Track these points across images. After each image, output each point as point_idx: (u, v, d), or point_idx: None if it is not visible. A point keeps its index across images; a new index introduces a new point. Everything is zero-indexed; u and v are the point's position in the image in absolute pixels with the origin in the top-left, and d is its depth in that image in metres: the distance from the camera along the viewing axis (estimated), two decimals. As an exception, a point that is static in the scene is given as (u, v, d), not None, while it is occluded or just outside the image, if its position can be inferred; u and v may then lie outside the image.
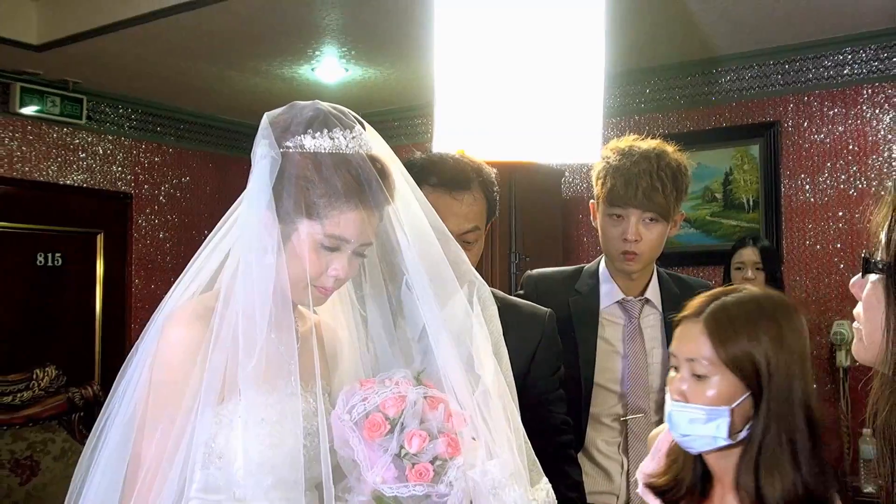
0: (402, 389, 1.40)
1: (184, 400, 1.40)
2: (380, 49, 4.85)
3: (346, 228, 1.44)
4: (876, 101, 4.59)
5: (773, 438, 1.44)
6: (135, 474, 1.40)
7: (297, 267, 1.45)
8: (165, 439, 1.40)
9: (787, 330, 1.48)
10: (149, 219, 6.14)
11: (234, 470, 1.41)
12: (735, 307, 1.49)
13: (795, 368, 1.46)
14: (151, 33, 4.48)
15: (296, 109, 1.49)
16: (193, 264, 1.53)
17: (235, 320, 1.42)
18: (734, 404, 1.45)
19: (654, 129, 5.18)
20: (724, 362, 1.45)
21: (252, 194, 1.47)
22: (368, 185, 1.45)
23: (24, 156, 5.47)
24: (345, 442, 1.39)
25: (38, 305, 5.59)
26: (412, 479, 1.34)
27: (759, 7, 4.18)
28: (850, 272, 4.56)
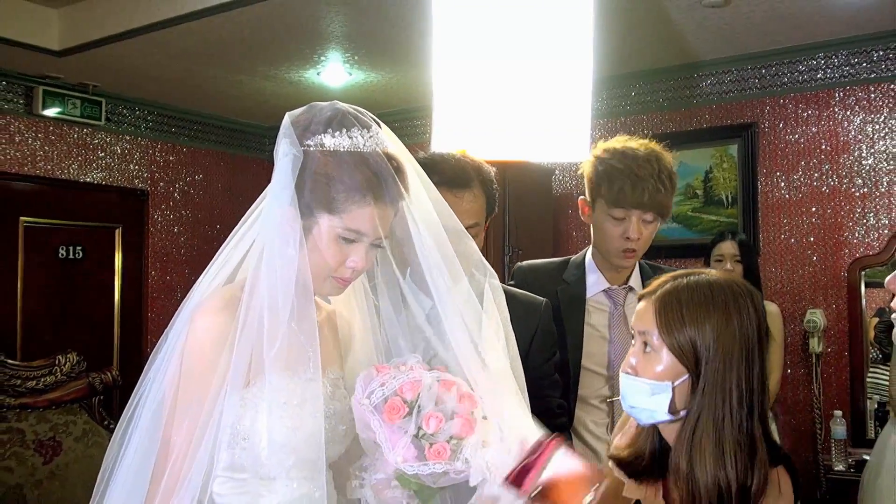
0: (417, 374, 1.41)
1: (212, 385, 1.41)
2: (381, 55, 4.86)
3: (365, 222, 1.44)
4: (847, 103, 4.60)
5: (703, 424, 1.41)
6: (165, 458, 1.40)
7: (318, 259, 1.46)
8: (195, 422, 1.40)
9: (735, 318, 1.43)
10: (164, 214, 6.14)
11: (258, 450, 1.42)
12: (686, 292, 1.46)
13: (738, 356, 1.42)
14: (166, 40, 4.49)
15: (315, 109, 1.49)
16: (219, 257, 1.53)
17: (260, 310, 1.42)
18: (676, 383, 1.43)
19: (638, 130, 5.20)
20: (666, 345, 1.43)
21: (275, 190, 1.47)
22: (385, 182, 1.45)
23: (47, 155, 5.47)
24: (366, 425, 1.40)
25: (61, 296, 5.60)
26: (431, 458, 1.36)
27: (737, 15, 4.18)
28: (823, 264, 4.59)
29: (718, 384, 1.41)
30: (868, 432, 4.42)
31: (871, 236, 4.50)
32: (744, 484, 1.38)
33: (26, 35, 4.58)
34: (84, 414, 3.94)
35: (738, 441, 1.40)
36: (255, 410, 1.42)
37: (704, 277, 1.49)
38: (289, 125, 1.46)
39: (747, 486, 1.38)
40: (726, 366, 1.41)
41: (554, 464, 1.33)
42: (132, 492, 1.43)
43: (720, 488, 1.38)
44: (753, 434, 1.41)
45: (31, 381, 3.77)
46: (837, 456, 4.22)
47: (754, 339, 1.44)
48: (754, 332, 1.44)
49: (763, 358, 1.46)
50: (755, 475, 1.38)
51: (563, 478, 1.33)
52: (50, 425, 3.77)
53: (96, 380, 3.97)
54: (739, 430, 1.40)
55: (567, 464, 1.34)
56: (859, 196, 4.53)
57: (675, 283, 1.48)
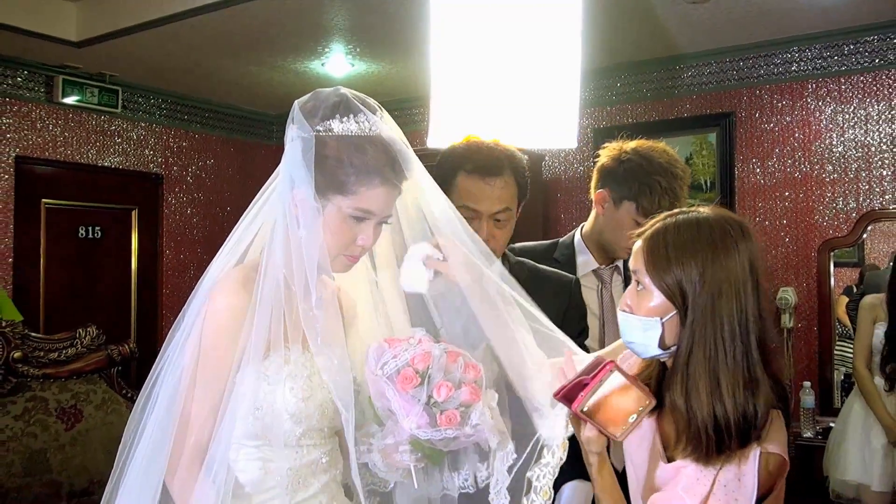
0: (427, 346, 1.41)
1: (231, 360, 1.41)
2: (382, 47, 4.84)
3: (373, 202, 1.44)
4: (819, 94, 4.59)
5: (695, 359, 1.36)
6: (185, 429, 1.41)
7: (330, 238, 1.45)
8: (216, 394, 1.41)
9: (721, 254, 1.37)
10: (177, 197, 6.13)
11: (271, 420, 1.43)
12: (673, 232, 1.41)
13: (727, 292, 1.36)
14: (179, 32, 4.47)
15: (322, 96, 1.48)
16: (232, 237, 1.52)
17: (275, 289, 1.42)
18: (664, 318, 1.39)
19: (623, 119, 5.20)
20: (654, 283, 1.39)
21: (287, 173, 1.47)
22: (391, 164, 1.45)
23: (67, 140, 5.46)
24: (381, 394, 1.40)
25: (81, 273, 5.60)
26: (443, 424, 1.37)
27: (717, 11, 4.17)
28: (794, 245, 4.60)
29: (707, 320, 1.36)
30: (835, 402, 4.45)
31: (840, 219, 4.51)
32: (743, 417, 1.32)
33: (46, 27, 4.56)
34: (103, 383, 3.95)
35: (735, 374, 1.34)
36: (268, 382, 1.43)
37: (694, 215, 1.44)
38: (297, 111, 1.46)
39: (747, 419, 1.32)
40: (714, 301, 1.35)
41: (606, 385, 1.32)
42: (152, 461, 1.43)
43: (716, 421, 1.33)
44: (753, 368, 1.35)
45: (54, 353, 3.78)
46: (806, 423, 4.25)
47: (745, 273, 1.37)
48: (744, 266, 1.37)
49: (759, 292, 1.39)
50: (755, 409, 1.33)
51: (615, 398, 1.33)
52: (71, 394, 3.78)
53: (115, 352, 3.98)
54: (735, 363, 1.35)
55: (621, 386, 1.33)
56: (829, 182, 4.54)
57: (664, 223, 1.44)
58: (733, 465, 1.32)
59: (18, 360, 3.60)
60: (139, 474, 1.44)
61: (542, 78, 2.16)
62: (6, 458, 3.47)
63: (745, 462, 1.32)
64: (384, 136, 1.46)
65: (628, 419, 1.34)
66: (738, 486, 1.31)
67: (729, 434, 1.32)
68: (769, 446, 1.35)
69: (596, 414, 1.33)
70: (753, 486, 1.31)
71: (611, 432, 1.34)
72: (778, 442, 1.36)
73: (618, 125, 5.20)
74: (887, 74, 4.41)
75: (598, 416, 1.33)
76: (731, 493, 1.31)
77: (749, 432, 1.32)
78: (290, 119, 1.47)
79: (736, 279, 1.36)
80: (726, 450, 1.33)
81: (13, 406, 3.56)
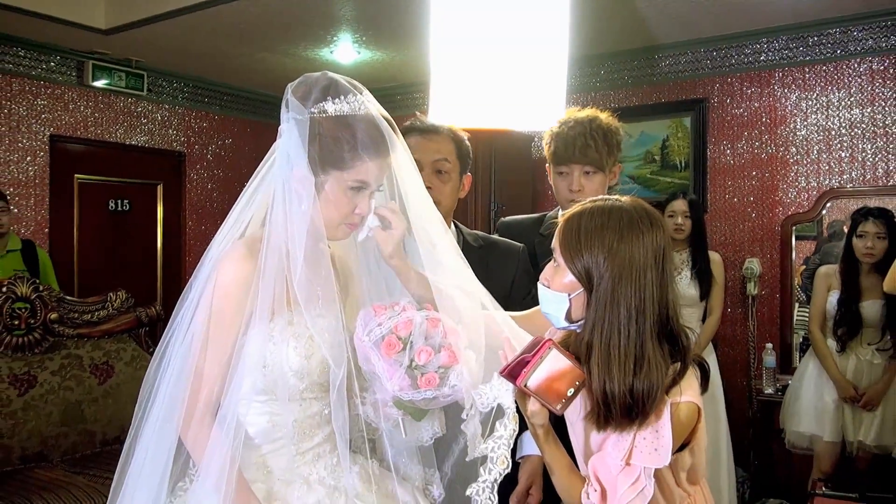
0: (410, 314, 1.40)
1: (240, 322, 1.42)
2: (386, 36, 4.81)
3: (368, 174, 1.45)
4: (785, 82, 4.59)
5: (594, 336, 1.36)
6: (198, 384, 1.41)
7: (332, 209, 1.45)
8: (225, 353, 1.41)
9: (626, 242, 1.36)
10: (199, 173, 6.12)
11: (276, 376, 1.43)
12: (587, 217, 1.40)
13: (628, 277, 1.34)
14: (199, 21, 4.44)
15: (311, 80, 1.46)
16: (233, 213, 1.50)
17: (278, 257, 1.42)
18: (572, 295, 1.39)
19: (606, 104, 5.17)
20: (566, 263, 1.40)
21: (284, 152, 1.46)
22: (381, 139, 1.45)
23: (97, 121, 5.44)
24: (367, 359, 1.41)
25: (111, 242, 5.61)
26: (423, 386, 1.37)
27: (693, 5, 4.15)
28: (761, 220, 4.62)
29: (607, 302, 1.35)
30: (794, 362, 4.49)
31: (802, 197, 4.52)
32: (630, 393, 1.32)
33: (77, 16, 4.53)
34: (132, 342, 3.98)
35: (626, 354, 1.33)
36: (274, 343, 1.43)
37: (609, 204, 1.42)
38: (290, 95, 1.45)
39: (634, 395, 1.32)
40: (615, 285, 1.34)
41: (547, 362, 1.32)
42: (167, 419, 1.44)
43: (605, 395, 1.33)
44: (645, 349, 1.34)
45: (87, 315, 3.80)
46: (767, 381, 4.29)
47: (647, 261, 1.36)
48: (646, 254, 1.36)
49: (661, 279, 1.37)
50: (644, 386, 1.32)
51: (555, 374, 1.33)
52: (103, 352, 3.81)
53: (142, 314, 4.01)
54: (628, 344, 1.33)
55: (558, 363, 1.33)
56: (793, 162, 4.55)
57: (581, 208, 1.43)
58: (651, 420, 1.34)
59: (55, 321, 3.63)
60: (156, 429, 1.44)
61: (532, 64, 2.16)
62: (45, 409, 3.51)
63: (660, 416, 1.34)
64: (373, 114, 1.46)
65: (567, 393, 1.34)
66: (656, 437, 1.33)
67: (616, 407, 1.33)
68: (680, 398, 1.36)
69: (539, 389, 1.33)
70: (669, 435, 1.33)
71: (552, 405, 1.34)
72: (689, 392, 1.38)
73: (601, 109, 5.18)
74: (847, 64, 4.40)
75: (541, 391, 1.33)
76: (651, 444, 1.33)
77: (632, 409, 1.32)
78: (283, 104, 1.45)
79: (638, 266, 1.35)
80: (613, 422, 1.34)
81: (50, 362, 3.59)
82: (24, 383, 3.49)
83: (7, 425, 3.38)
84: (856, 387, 3.58)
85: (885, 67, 4.30)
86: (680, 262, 3.83)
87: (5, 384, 3.43)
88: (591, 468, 1.37)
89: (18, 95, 5.01)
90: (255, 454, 1.47)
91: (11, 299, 3.53)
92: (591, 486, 1.35)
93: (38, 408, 3.50)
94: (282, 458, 1.48)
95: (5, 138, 4.95)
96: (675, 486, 1.48)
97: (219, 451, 1.37)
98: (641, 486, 1.32)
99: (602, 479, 1.35)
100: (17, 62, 4.99)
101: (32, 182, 5.07)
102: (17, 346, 3.53)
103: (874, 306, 3.55)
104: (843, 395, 3.60)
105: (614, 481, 1.33)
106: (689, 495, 1.50)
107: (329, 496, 1.47)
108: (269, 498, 1.44)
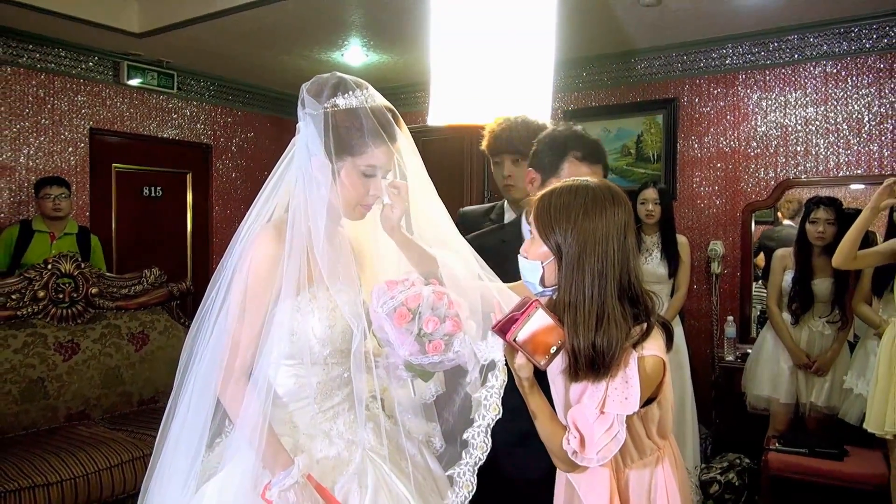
0: (418, 288, 1.41)
1: (270, 295, 1.42)
2: (392, 41, 4.76)
3: (379, 159, 1.45)
4: (748, 83, 4.55)
5: (563, 299, 1.39)
6: (234, 350, 1.42)
7: (349, 193, 1.46)
8: (258, 322, 1.42)
9: (590, 217, 1.38)
10: (224, 163, 6.08)
11: (303, 343, 1.45)
12: (556, 196, 1.42)
13: (591, 248, 1.37)
14: (225, 26, 4.40)
15: (322, 80, 1.47)
16: (260, 198, 1.50)
17: (301, 238, 1.42)
18: (545, 263, 1.42)
19: (588, 102, 5.15)
20: (539, 236, 1.42)
21: (304, 144, 1.46)
22: (389, 127, 1.45)
23: (132, 116, 5.39)
24: (380, 328, 1.42)
25: (145, 224, 5.58)
26: (430, 352, 1.38)
27: (666, 13, 4.11)
28: (724, 207, 4.61)
29: (574, 269, 1.37)
30: (752, 332, 4.50)
31: (761, 186, 4.50)
32: (593, 347, 1.34)
33: (113, 20, 4.49)
34: (165, 314, 3.97)
35: (590, 314, 1.35)
36: (301, 314, 1.44)
37: (577, 183, 1.44)
38: (305, 93, 1.45)
39: (597, 349, 1.34)
40: (580, 253, 1.37)
41: (534, 320, 1.33)
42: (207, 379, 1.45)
43: (573, 349, 1.36)
44: (605, 306, 1.36)
45: (124, 290, 3.79)
46: (728, 350, 4.31)
47: (609, 232, 1.37)
48: (608, 226, 1.38)
49: (623, 248, 1.39)
50: (606, 342, 1.34)
51: (539, 331, 1.33)
52: (139, 322, 3.80)
53: (174, 288, 4.00)
54: (591, 305, 1.35)
55: (543, 320, 1.34)
56: (754, 156, 4.52)
57: (553, 188, 1.46)
58: (620, 372, 1.35)
59: (95, 295, 3.61)
60: (196, 389, 1.45)
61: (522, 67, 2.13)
62: (87, 373, 3.50)
63: (628, 367, 1.35)
64: (378, 106, 1.46)
65: (550, 350, 1.34)
66: (626, 387, 1.34)
67: (581, 360, 1.35)
68: (644, 351, 1.37)
69: (525, 344, 1.33)
70: (637, 385, 1.34)
71: (537, 360, 1.35)
72: (654, 347, 1.39)
73: (583, 107, 5.15)
74: (804, 68, 4.36)
75: (527, 346, 1.33)
76: (622, 394, 1.34)
77: (595, 361, 1.34)
78: (300, 102, 1.46)
79: (600, 237, 1.37)
80: (580, 374, 1.36)
81: (92, 332, 3.58)
82: (69, 350, 3.48)
83: (54, 387, 3.38)
84: (808, 355, 3.60)
85: (837, 70, 4.26)
86: (651, 244, 3.82)
87: (52, 351, 3.42)
88: (571, 418, 1.38)
89: (60, 92, 4.96)
90: (283, 412, 1.50)
91: (56, 276, 3.51)
92: (571, 434, 1.37)
93: (81, 372, 3.50)
94: (306, 415, 1.50)
95: (49, 131, 4.91)
96: (646, 438, 1.49)
97: (252, 409, 1.39)
98: (615, 431, 1.34)
99: (580, 428, 1.36)
100: (59, 62, 4.94)
101: (74, 171, 5.04)
102: (62, 317, 3.52)
103: (825, 284, 3.56)
104: (797, 363, 3.62)
105: (591, 428, 1.34)
106: (659, 448, 1.52)
107: (347, 448, 1.49)
108: (295, 450, 1.45)
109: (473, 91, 2.13)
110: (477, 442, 1.41)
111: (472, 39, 2.11)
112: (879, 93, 4.14)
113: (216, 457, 1.48)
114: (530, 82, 2.15)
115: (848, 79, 4.23)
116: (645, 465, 1.49)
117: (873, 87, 4.16)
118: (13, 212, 4.72)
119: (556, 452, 1.42)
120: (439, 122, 2.17)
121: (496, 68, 2.11)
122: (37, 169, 4.82)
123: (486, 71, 2.11)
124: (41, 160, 4.87)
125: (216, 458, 1.48)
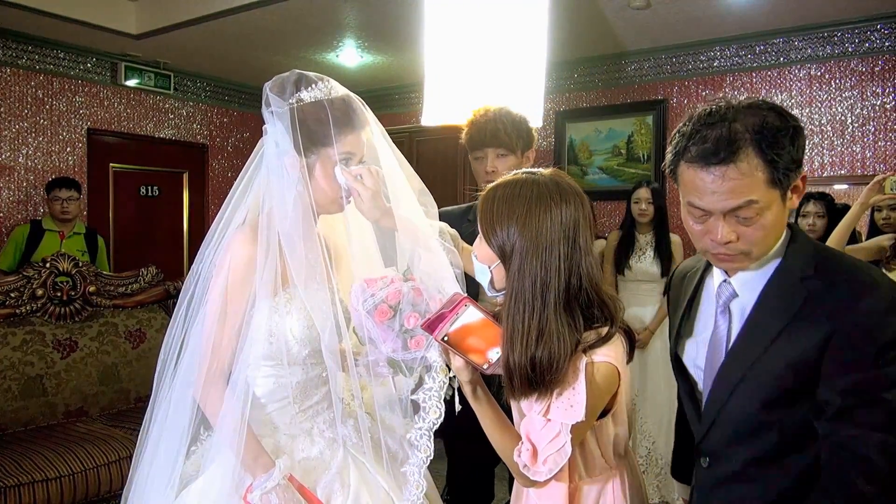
0: (398, 285, 1.38)
1: (247, 298, 1.40)
2: (386, 42, 4.75)
3: (352, 145, 1.41)
4: (735, 85, 4.56)
5: (506, 308, 1.23)
6: (214, 354, 1.39)
7: (326, 185, 1.41)
8: (236, 324, 1.40)
9: (535, 218, 1.21)
10: (220, 163, 6.06)
11: (281, 344, 1.42)
12: (501, 190, 1.25)
13: (533, 252, 1.20)
14: (221, 27, 4.39)
15: (283, 77, 1.42)
16: (231, 201, 1.45)
17: (277, 238, 1.39)
18: (492, 266, 1.28)
19: (579, 104, 5.16)
20: (484, 237, 1.27)
21: (272, 143, 1.42)
22: (356, 113, 1.41)
23: (129, 116, 5.37)
24: (361, 325, 1.39)
25: (143, 224, 5.56)
26: (412, 347, 1.35)
27: (656, 16, 4.12)
28: (712, 206, 4.61)
29: (516, 276, 1.22)
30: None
31: (748, 186, 4.52)
32: (530, 363, 1.19)
33: (111, 22, 4.47)
34: (162, 312, 3.95)
35: (529, 326, 1.19)
36: (279, 315, 1.42)
37: (522, 177, 1.27)
38: (269, 91, 1.41)
39: (535, 366, 1.19)
40: (523, 259, 1.21)
41: (463, 317, 1.23)
42: (187, 382, 1.42)
43: (508, 364, 1.21)
44: (547, 320, 1.19)
45: (122, 288, 3.77)
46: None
47: (554, 235, 1.20)
48: (553, 228, 1.21)
49: (571, 252, 1.22)
50: (541, 354, 1.18)
51: (473, 331, 1.23)
52: (136, 320, 3.78)
53: (170, 287, 3.98)
54: (532, 316, 1.19)
55: (473, 318, 1.24)
56: (741, 156, 4.53)
57: (497, 183, 1.29)
58: (568, 377, 1.20)
59: (93, 293, 3.60)
60: (174, 396, 1.42)
61: (514, 68, 2.14)
62: (85, 370, 3.48)
63: (575, 372, 1.20)
64: (343, 95, 1.42)
65: (488, 351, 1.23)
66: (572, 394, 1.20)
67: (517, 378, 1.20)
68: (595, 357, 1.22)
69: (458, 344, 1.23)
70: (583, 391, 1.19)
71: (475, 362, 1.24)
72: (609, 355, 1.23)
73: (575, 108, 5.16)
74: (789, 70, 4.38)
75: (461, 347, 1.23)
76: (567, 400, 1.20)
77: (533, 380, 1.19)
78: (263, 102, 1.41)
79: (543, 241, 1.20)
80: (517, 392, 1.21)
81: (90, 329, 3.56)
82: (67, 348, 3.46)
83: (52, 384, 3.36)
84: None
85: (821, 73, 4.28)
86: (644, 243, 3.82)
87: (50, 348, 3.40)
88: (524, 428, 1.26)
89: (59, 93, 4.94)
90: (262, 413, 1.47)
91: (55, 274, 3.49)
92: (525, 446, 1.24)
93: (79, 369, 3.48)
94: (286, 415, 1.48)
95: (47, 131, 4.88)
96: (598, 456, 1.34)
97: (231, 412, 1.36)
98: (561, 442, 1.19)
99: (532, 439, 1.23)
100: (58, 63, 4.91)
101: (72, 170, 5.01)
102: (60, 315, 3.50)
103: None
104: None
105: (539, 436, 1.22)
106: (612, 468, 1.36)
107: (329, 447, 1.47)
108: (277, 451, 1.43)
109: (466, 92, 2.13)
110: (421, 444, 1.35)
111: (465, 41, 2.11)
112: (862, 95, 4.17)
113: (192, 465, 1.45)
114: (523, 83, 2.16)
115: (832, 81, 4.25)
116: (594, 482, 1.36)
117: (856, 89, 4.18)
118: (12, 211, 4.69)
119: (509, 465, 1.28)
120: (433, 122, 2.18)
121: (489, 70, 2.11)
122: (36, 169, 4.79)
123: (479, 72, 2.11)
124: (40, 160, 4.84)
125: (192, 467, 1.45)
